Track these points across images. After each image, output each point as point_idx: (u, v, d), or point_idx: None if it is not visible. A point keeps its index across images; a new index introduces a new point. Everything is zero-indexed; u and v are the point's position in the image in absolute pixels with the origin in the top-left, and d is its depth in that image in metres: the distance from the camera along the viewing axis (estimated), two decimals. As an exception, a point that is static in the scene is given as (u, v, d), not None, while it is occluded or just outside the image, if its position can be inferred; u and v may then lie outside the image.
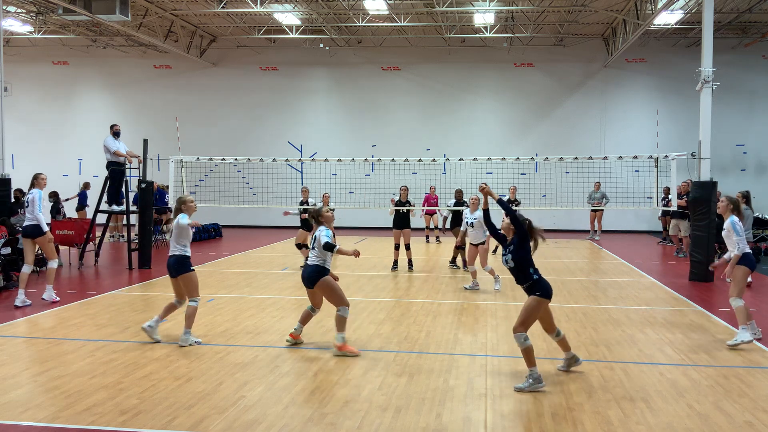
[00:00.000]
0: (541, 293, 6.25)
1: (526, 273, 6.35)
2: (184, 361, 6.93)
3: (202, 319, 8.98)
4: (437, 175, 21.37)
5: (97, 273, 13.47)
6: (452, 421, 5.36)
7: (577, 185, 18.59)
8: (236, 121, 24.95)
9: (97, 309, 9.67)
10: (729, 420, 5.42)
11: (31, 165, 24.65)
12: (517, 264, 6.38)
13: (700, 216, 12.47)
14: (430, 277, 12.90)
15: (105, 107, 25.32)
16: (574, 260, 15.78)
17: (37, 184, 10.56)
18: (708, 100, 12.71)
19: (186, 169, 16.16)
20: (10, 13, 20.26)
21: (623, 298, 10.85)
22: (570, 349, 6.71)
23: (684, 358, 7.23)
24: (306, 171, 23.79)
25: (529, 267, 6.35)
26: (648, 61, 23.22)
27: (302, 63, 24.68)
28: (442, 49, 23.89)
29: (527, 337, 6.13)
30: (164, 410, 5.54)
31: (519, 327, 6.16)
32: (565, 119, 23.61)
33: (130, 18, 17.74)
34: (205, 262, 15.12)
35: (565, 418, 5.43)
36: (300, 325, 7.72)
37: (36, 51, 25.26)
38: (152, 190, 14.76)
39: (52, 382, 6.28)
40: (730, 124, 22.10)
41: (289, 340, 7.67)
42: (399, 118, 24.25)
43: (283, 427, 5.23)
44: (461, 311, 9.63)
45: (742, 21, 20.74)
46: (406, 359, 7.10)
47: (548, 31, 22.35)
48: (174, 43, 22.66)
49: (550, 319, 6.55)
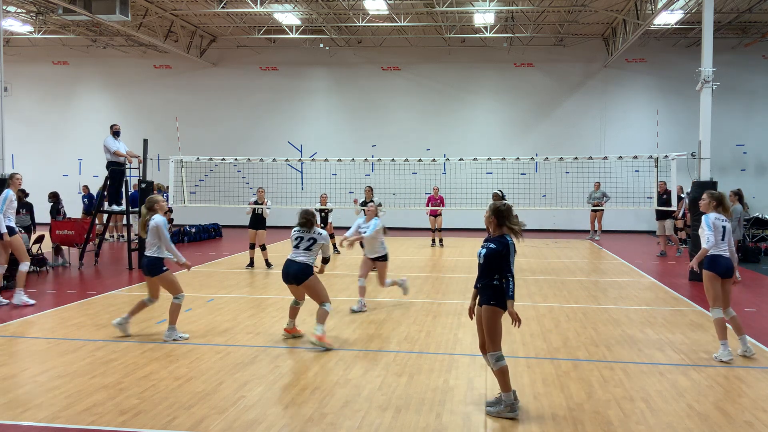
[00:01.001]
0: (496, 302, 5.46)
1: (490, 277, 5.50)
2: (184, 361, 6.94)
3: (202, 319, 8.98)
4: (437, 175, 21.38)
5: (97, 273, 13.47)
6: (452, 421, 5.36)
7: (577, 185, 18.60)
8: (236, 121, 24.95)
9: (97, 309, 9.68)
10: (729, 420, 5.42)
11: (31, 165, 24.78)
12: (487, 263, 5.53)
13: (700, 216, 12.42)
14: (430, 278, 12.90)
15: (105, 107, 25.32)
16: (574, 260, 15.78)
17: (11, 184, 10.06)
18: (708, 100, 12.71)
19: (186, 169, 16.17)
20: (10, 13, 20.26)
21: (623, 298, 10.85)
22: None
23: (684, 358, 7.23)
24: (306, 171, 23.79)
25: (496, 273, 5.47)
26: (648, 61, 23.22)
27: (302, 63, 24.68)
28: (442, 49, 23.90)
29: (502, 356, 5.50)
30: (164, 410, 5.54)
31: (491, 346, 5.49)
32: (565, 119, 23.61)
33: (130, 18, 17.74)
34: (205, 262, 15.13)
35: (565, 418, 5.42)
36: (291, 319, 8.01)
37: (36, 51, 25.26)
38: (152, 190, 14.75)
39: (52, 382, 6.28)
40: (730, 124, 22.11)
41: (285, 334, 7.97)
42: (399, 118, 24.26)
43: (283, 427, 5.23)
44: (461, 311, 9.63)
45: (742, 21, 20.74)
46: (406, 359, 7.10)
47: (548, 31, 22.36)
48: (174, 43, 22.66)
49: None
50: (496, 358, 5.46)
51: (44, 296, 10.83)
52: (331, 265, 14.01)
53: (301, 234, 7.65)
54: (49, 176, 24.24)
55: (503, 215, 5.55)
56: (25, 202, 13.40)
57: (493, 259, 5.44)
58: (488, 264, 5.47)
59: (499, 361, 5.45)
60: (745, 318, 9.24)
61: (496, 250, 5.44)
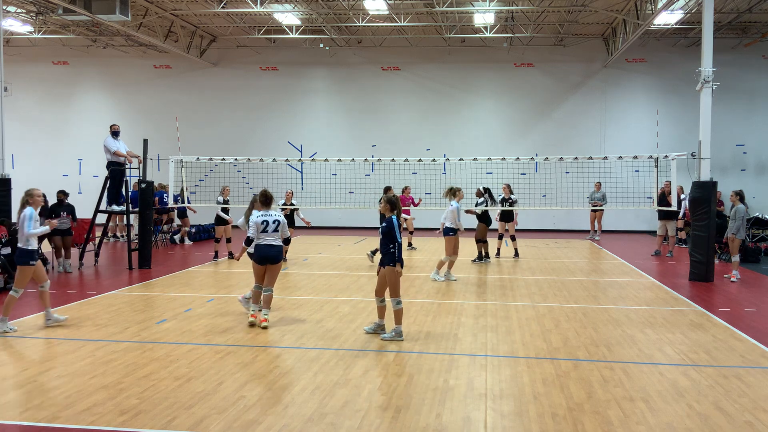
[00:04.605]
0: (393, 264, 7.81)
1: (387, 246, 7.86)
2: (184, 361, 6.94)
3: (202, 319, 8.98)
4: (437, 175, 21.36)
5: (97, 273, 13.47)
6: (452, 421, 5.36)
7: (577, 185, 18.59)
8: (236, 121, 24.94)
9: (97, 309, 9.67)
10: (729, 420, 5.42)
11: (31, 165, 24.81)
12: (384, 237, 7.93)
13: (700, 216, 12.46)
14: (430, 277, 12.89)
15: (105, 107, 25.32)
16: (574, 260, 15.78)
17: (33, 202, 8.63)
18: (708, 100, 12.71)
19: (186, 169, 16.17)
20: (10, 13, 20.26)
21: (623, 298, 10.86)
22: (384, 317, 8.09)
23: (684, 358, 7.23)
24: (306, 171, 23.79)
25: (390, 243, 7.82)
26: (648, 61, 23.22)
27: (302, 63, 24.68)
28: (442, 49, 23.90)
29: (401, 301, 7.90)
30: (164, 410, 5.54)
31: (393, 294, 7.85)
32: (565, 119, 23.61)
33: (130, 18, 17.75)
34: (205, 262, 15.13)
35: (565, 418, 5.42)
36: (256, 305, 8.66)
37: (36, 51, 25.25)
38: (153, 191, 14.76)
39: (52, 382, 6.28)
40: (730, 124, 22.11)
41: (253, 321, 8.53)
42: (399, 118, 24.26)
43: (283, 427, 5.23)
44: (461, 311, 9.64)
45: (742, 21, 20.74)
46: (406, 359, 7.10)
47: (548, 31, 22.35)
48: (174, 43, 22.66)
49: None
50: (397, 302, 7.89)
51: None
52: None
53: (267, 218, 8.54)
54: (49, 176, 24.24)
55: (394, 205, 8.06)
56: (67, 204, 13.71)
57: (386, 234, 7.87)
58: (384, 237, 7.91)
59: (399, 304, 7.91)
60: (745, 318, 9.26)
61: (387, 227, 7.87)
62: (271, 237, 8.44)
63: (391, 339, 7.80)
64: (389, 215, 7.97)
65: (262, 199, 8.62)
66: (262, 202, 8.60)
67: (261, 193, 8.67)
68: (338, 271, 13.57)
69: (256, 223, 8.42)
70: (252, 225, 8.45)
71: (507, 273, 13.57)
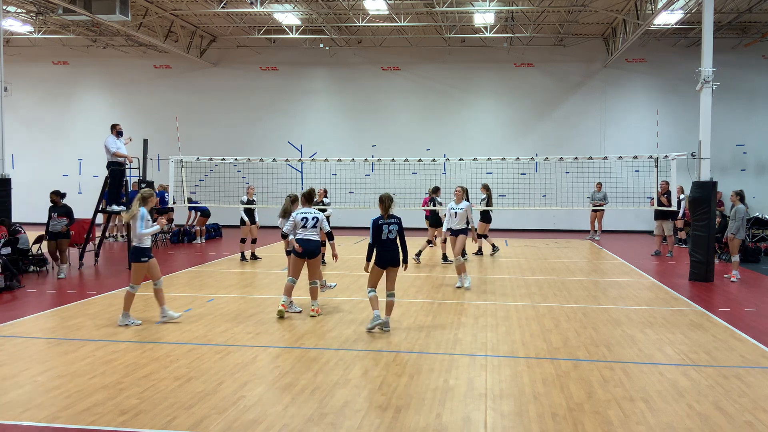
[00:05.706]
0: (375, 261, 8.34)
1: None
2: (184, 361, 6.94)
3: (202, 319, 8.98)
4: (437, 175, 21.36)
5: (97, 273, 13.47)
6: (452, 421, 5.36)
7: (577, 185, 18.60)
8: (236, 121, 24.94)
9: (97, 309, 9.67)
10: (729, 420, 5.42)
11: (31, 165, 24.81)
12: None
13: (700, 216, 12.46)
14: (430, 277, 12.90)
15: (105, 107, 25.32)
16: (574, 260, 15.78)
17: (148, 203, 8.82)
18: (708, 100, 12.71)
19: (186, 169, 16.16)
20: (10, 13, 20.26)
21: (623, 298, 10.86)
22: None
23: (684, 358, 7.23)
24: (306, 171, 23.79)
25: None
26: (648, 61, 23.21)
27: (302, 63, 24.68)
28: (442, 49, 23.90)
29: (373, 290, 8.41)
30: (164, 410, 5.54)
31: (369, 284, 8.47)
32: (565, 119, 23.61)
33: (130, 18, 17.75)
34: (205, 262, 15.13)
35: (565, 418, 5.42)
36: (286, 297, 9.19)
37: (36, 51, 25.25)
38: (155, 191, 14.73)
39: (52, 382, 6.28)
40: (730, 124, 22.11)
41: (281, 310, 9.04)
42: (399, 118, 24.25)
43: (283, 427, 5.23)
44: (461, 311, 9.64)
45: (742, 21, 20.74)
46: (406, 359, 7.11)
47: (548, 31, 22.35)
48: (174, 43, 22.66)
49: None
50: (369, 291, 8.42)
51: (44, 296, 10.84)
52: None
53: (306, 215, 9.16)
54: (49, 176, 24.25)
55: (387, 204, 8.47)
56: (62, 205, 13.09)
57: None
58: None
59: (371, 293, 8.43)
60: (745, 318, 9.26)
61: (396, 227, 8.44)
62: (309, 232, 9.13)
63: (371, 326, 8.31)
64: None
65: (306, 197, 9.42)
66: (307, 199, 9.40)
67: (306, 192, 9.48)
68: (338, 271, 13.57)
69: (295, 220, 9.13)
70: (290, 222, 9.15)
71: (507, 273, 13.57)
